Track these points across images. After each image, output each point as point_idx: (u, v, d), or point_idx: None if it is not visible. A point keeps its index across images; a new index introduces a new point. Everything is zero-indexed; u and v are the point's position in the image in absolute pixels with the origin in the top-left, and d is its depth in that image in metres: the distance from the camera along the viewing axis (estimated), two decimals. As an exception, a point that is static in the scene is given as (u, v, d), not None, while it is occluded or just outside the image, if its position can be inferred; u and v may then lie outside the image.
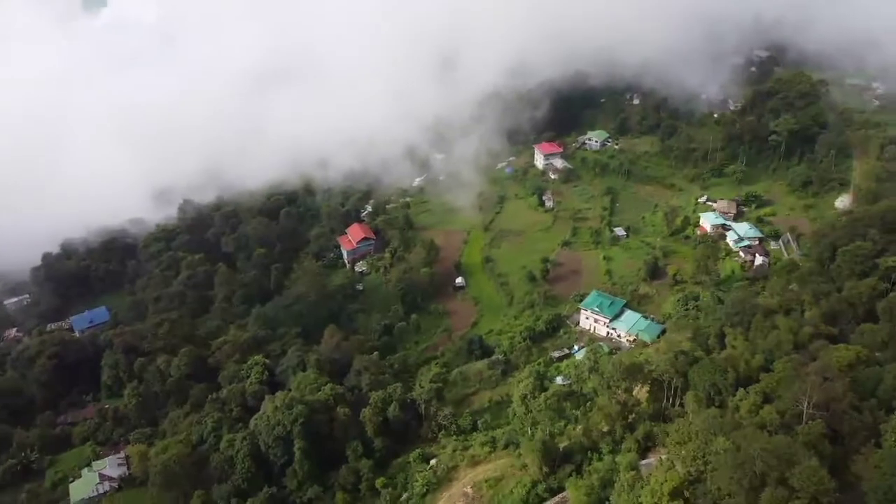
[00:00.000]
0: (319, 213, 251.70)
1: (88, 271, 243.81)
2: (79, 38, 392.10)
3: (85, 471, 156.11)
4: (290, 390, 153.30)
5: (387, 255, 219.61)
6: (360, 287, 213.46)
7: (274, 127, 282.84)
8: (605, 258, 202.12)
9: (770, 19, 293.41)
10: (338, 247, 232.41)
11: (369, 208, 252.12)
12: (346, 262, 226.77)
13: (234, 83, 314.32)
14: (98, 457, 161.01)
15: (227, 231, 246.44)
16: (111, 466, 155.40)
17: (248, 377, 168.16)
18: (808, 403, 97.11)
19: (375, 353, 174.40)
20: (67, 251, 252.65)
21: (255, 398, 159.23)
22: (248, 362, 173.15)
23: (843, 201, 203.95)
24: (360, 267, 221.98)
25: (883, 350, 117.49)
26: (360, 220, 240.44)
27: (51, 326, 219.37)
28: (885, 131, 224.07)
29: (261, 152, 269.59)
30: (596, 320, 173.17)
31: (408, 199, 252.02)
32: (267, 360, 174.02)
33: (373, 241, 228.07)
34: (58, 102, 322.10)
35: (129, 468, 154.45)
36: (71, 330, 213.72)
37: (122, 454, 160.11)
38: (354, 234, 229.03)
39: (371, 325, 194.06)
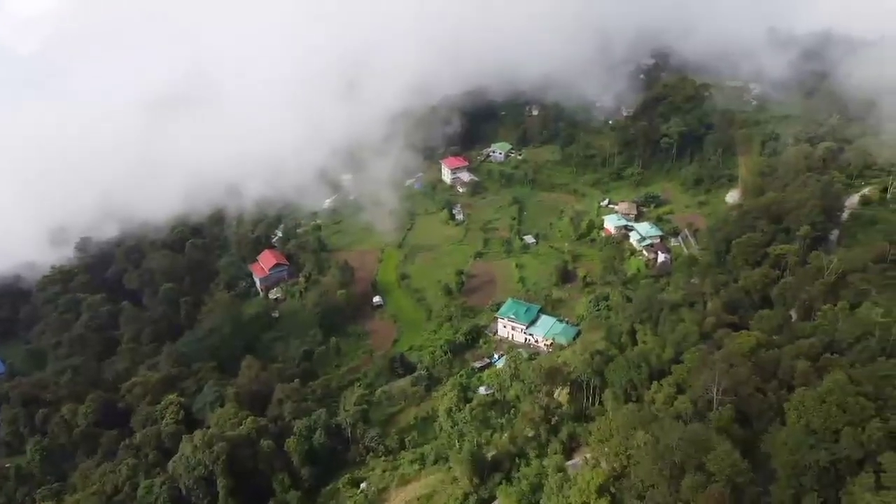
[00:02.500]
0: (228, 242, 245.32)
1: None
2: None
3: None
4: (209, 427, 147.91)
5: (301, 279, 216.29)
6: (275, 314, 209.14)
7: (177, 156, 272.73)
8: (517, 266, 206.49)
9: (653, 29, 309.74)
10: (250, 275, 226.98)
11: (280, 233, 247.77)
12: (260, 289, 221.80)
13: (131, 112, 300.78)
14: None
15: (130, 267, 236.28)
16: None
17: (162, 418, 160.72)
18: (718, 390, 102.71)
19: (296, 380, 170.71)
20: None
21: (172, 440, 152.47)
22: (162, 403, 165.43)
23: (732, 196, 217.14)
24: (275, 294, 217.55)
25: (779, 333, 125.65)
26: (271, 247, 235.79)
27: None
28: (764, 129, 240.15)
29: (163, 183, 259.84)
30: (513, 328, 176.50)
31: (319, 222, 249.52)
32: (182, 399, 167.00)
33: (286, 267, 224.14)
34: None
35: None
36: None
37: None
38: (266, 261, 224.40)
39: (290, 353, 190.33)
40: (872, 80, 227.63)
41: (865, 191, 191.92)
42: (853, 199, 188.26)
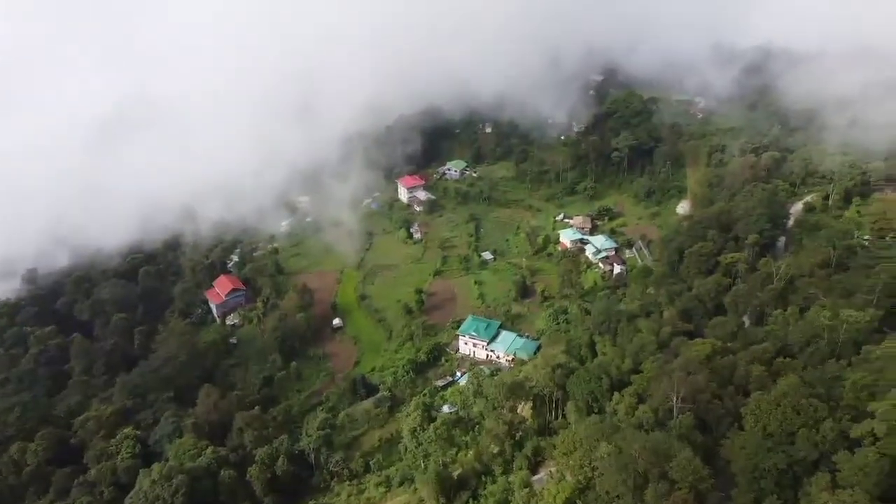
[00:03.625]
0: (183, 269, 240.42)
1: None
2: None
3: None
4: (167, 460, 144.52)
5: (259, 304, 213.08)
6: (233, 341, 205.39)
7: (129, 180, 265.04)
8: (476, 283, 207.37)
9: (600, 46, 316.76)
10: (206, 302, 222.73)
11: (236, 258, 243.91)
12: (216, 316, 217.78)
13: (80, 135, 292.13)
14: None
15: (81, 298, 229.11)
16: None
17: (118, 453, 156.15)
18: (677, 398, 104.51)
19: (257, 407, 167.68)
20: None
21: (128, 474, 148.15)
22: (117, 437, 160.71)
23: (683, 207, 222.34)
24: (232, 320, 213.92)
25: (733, 339, 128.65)
26: (227, 272, 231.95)
27: None
28: (710, 141, 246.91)
29: (115, 209, 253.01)
30: (475, 344, 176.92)
31: (276, 245, 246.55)
32: (138, 432, 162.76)
33: (243, 292, 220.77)
34: None
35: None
36: None
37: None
38: (222, 287, 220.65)
39: (249, 379, 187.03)
40: (811, 92, 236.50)
41: (808, 198, 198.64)
42: (797, 207, 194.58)
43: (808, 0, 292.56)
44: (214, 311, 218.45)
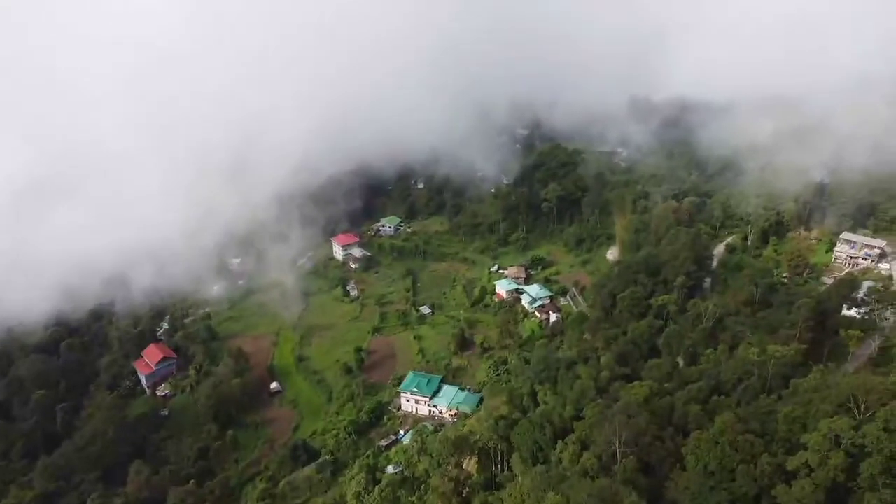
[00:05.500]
0: (109, 340, 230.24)
1: None
2: None
3: None
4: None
5: (191, 372, 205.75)
6: (165, 412, 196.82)
7: (51, 248, 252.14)
8: (415, 338, 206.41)
9: (524, 101, 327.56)
10: (134, 373, 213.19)
11: (165, 325, 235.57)
12: (146, 387, 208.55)
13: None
14: None
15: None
16: None
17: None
18: (619, 442, 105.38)
19: (192, 481, 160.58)
20: None
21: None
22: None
23: (612, 253, 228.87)
24: (163, 390, 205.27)
25: (669, 380, 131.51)
26: (156, 340, 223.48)
27: None
28: (634, 189, 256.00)
29: (36, 279, 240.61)
30: (417, 401, 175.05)
31: (208, 310, 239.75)
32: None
33: (174, 361, 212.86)
34: None
35: None
36: None
37: None
38: (152, 356, 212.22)
39: (183, 452, 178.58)
40: (725, 140, 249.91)
41: (729, 239, 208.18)
42: (720, 248, 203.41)
43: (718, 55, 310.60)
44: (144, 382, 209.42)
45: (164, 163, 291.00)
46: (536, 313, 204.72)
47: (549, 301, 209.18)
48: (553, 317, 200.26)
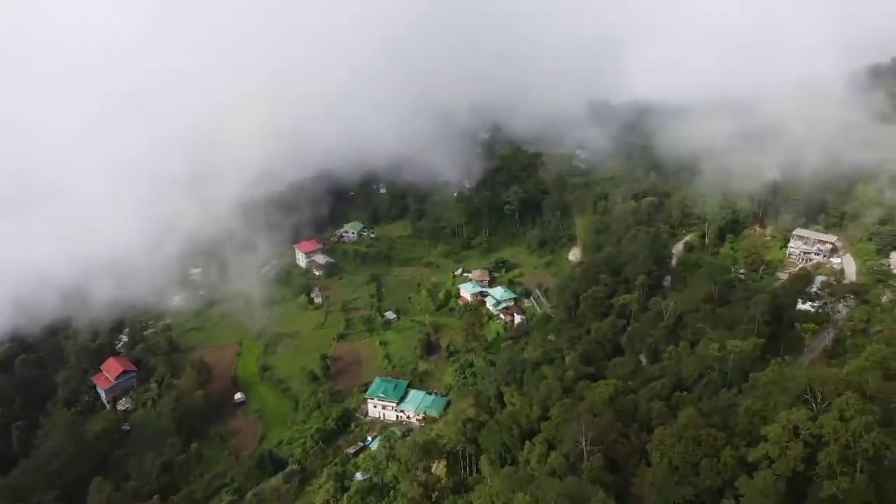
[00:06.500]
0: (66, 355, 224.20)
1: None
2: None
3: None
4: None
5: (153, 385, 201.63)
6: (126, 427, 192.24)
7: (3, 263, 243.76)
8: (381, 343, 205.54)
9: (484, 106, 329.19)
10: (93, 388, 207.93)
11: (125, 338, 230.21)
12: (106, 402, 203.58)
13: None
14: None
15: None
16: None
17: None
18: (586, 441, 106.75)
19: (155, 496, 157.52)
20: None
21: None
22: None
23: (574, 254, 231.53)
24: (124, 405, 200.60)
25: (633, 378, 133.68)
26: (116, 354, 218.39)
27: None
28: (594, 190, 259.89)
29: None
30: (384, 406, 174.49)
31: (169, 321, 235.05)
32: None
33: (134, 374, 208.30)
34: None
35: None
36: None
37: None
38: (111, 370, 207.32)
39: (145, 467, 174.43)
40: (681, 142, 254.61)
41: (687, 238, 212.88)
42: (678, 247, 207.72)
43: (674, 59, 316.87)
44: (103, 396, 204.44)
45: (121, 172, 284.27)
46: (501, 315, 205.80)
47: (513, 303, 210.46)
48: (518, 318, 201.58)
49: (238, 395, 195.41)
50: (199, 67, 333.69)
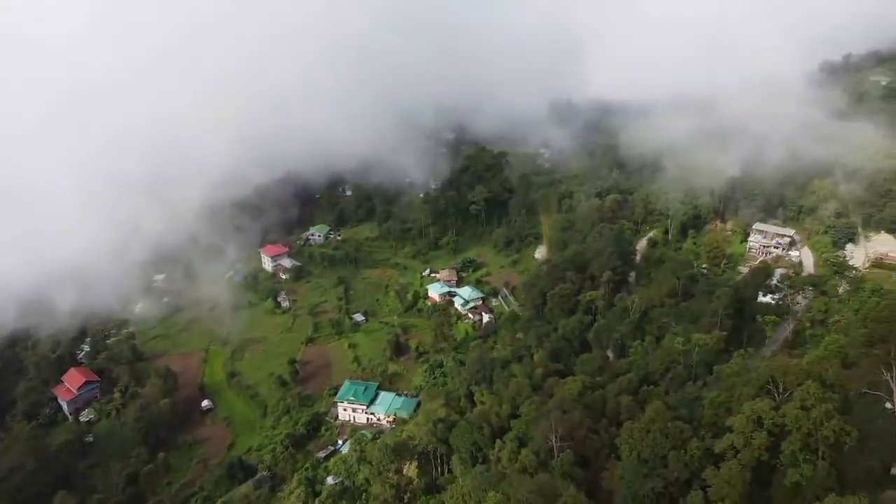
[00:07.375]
0: (25, 366, 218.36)
1: None
2: None
3: None
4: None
5: (116, 395, 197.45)
6: (90, 438, 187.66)
7: None
8: (350, 346, 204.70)
9: (448, 106, 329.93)
10: (55, 399, 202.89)
11: (87, 348, 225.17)
12: (68, 413, 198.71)
13: None
14: None
15: None
16: None
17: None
18: (556, 437, 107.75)
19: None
20: None
21: None
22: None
23: (540, 252, 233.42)
24: (87, 416, 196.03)
25: (601, 374, 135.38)
26: (77, 364, 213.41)
27: None
28: (558, 189, 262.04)
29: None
30: (354, 409, 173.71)
31: (132, 330, 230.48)
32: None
33: (97, 384, 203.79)
34: None
35: None
36: None
37: None
38: (73, 381, 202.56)
39: (111, 479, 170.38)
40: (643, 140, 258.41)
41: (651, 234, 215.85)
42: (642, 243, 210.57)
43: (636, 58, 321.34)
44: (65, 408, 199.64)
45: (78, 174, 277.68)
46: (469, 315, 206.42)
47: (481, 302, 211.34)
48: (486, 318, 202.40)
49: (205, 403, 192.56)
50: (160, 62, 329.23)
